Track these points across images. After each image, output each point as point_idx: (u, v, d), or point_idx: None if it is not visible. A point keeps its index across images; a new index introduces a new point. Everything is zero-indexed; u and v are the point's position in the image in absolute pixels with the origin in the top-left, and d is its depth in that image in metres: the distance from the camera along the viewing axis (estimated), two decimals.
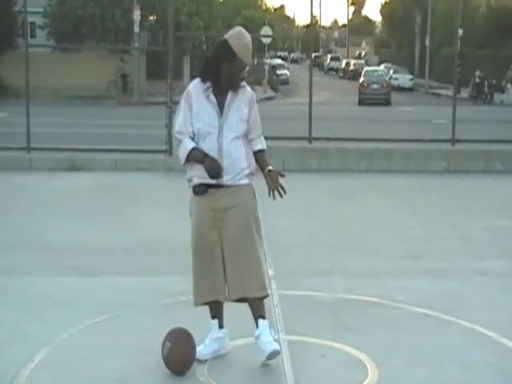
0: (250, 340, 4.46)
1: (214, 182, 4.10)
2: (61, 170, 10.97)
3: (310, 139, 11.78)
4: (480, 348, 4.50)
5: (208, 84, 4.09)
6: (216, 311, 4.31)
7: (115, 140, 13.28)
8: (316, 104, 13.00)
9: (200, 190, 4.13)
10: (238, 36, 4.05)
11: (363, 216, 8.34)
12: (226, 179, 4.09)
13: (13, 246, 6.82)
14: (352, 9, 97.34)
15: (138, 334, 4.65)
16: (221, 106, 4.07)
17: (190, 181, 4.20)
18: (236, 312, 4.40)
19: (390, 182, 10.50)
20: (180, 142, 4.13)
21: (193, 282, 4.25)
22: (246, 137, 4.18)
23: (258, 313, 4.21)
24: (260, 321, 4.20)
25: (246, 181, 4.16)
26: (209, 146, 4.07)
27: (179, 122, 4.13)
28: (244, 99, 4.13)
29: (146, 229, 7.55)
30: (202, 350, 4.25)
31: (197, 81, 4.16)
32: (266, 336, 4.16)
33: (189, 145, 4.08)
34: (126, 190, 9.79)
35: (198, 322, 4.59)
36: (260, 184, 4.27)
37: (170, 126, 11.54)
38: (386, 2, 60.96)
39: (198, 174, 4.11)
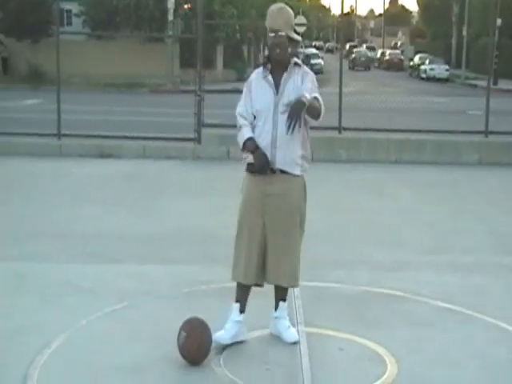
0: (266, 332, 4.41)
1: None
2: (91, 157, 11.03)
3: (339, 129, 11.64)
4: (503, 345, 4.37)
5: (267, 66, 4.20)
6: (242, 295, 4.29)
7: (146, 128, 13.30)
8: (349, 94, 12.87)
9: (254, 168, 4.16)
10: (269, 9, 4.18)
11: (391, 208, 8.21)
12: (278, 162, 4.11)
13: (37, 232, 6.84)
14: None
15: (156, 323, 4.61)
16: (277, 84, 4.14)
17: (245, 158, 4.22)
18: (252, 304, 4.33)
19: (420, 174, 10.34)
20: (240, 128, 4.20)
21: (234, 257, 4.27)
22: (305, 123, 4.16)
23: (281, 296, 4.35)
24: (281, 304, 4.34)
25: (298, 171, 4.18)
26: (265, 127, 4.13)
27: (240, 104, 4.23)
28: (300, 77, 4.16)
29: (171, 217, 7.53)
30: (223, 334, 4.22)
31: (259, 68, 4.30)
32: (285, 320, 4.34)
33: (246, 134, 4.16)
34: (154, 178, 9.79)
35: (216, 311, 4.55)
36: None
37: (198, 114, 11.53)
38: None
39: None
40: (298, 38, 4.21)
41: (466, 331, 4.57)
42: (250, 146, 4.13)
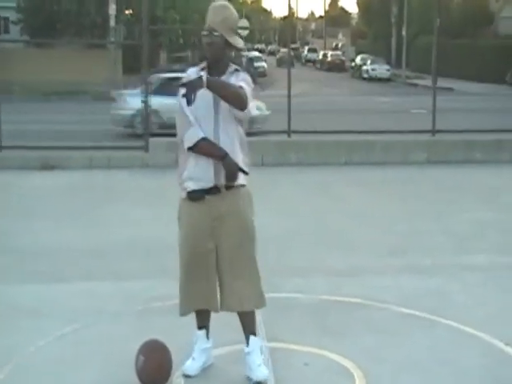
0: (229, 349, 4.20)
1: (210, 185, 3.73)
2: (33, 169, 10.60)
3: (289, 133, 11.50)
4: (470, 350, 4.25)
5: (202, 65, 3.79)
6: (204, 321, 4.00)
7: (91, 137, 12.94)
8: (294, 96, 12.72)
9: (197, 196, 3.75)
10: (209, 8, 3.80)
11: (344, 210, 8.09)
12: (223, 175, 3.71)
13: None
14: (328, 0, 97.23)
15: (110, 345, 4.35)
16: None
17: (181, 183, 3.82)
18: (214, 318, 4.11)
19: (371, 174, 10.27)
20: (189, 124, 3.69)
21: (180, 290, 3.90)
22: (240, 122, 3.77)
23: (250, 329, 3.89)
24: (251, 338, 3.88)
25: (242, 180, 3.78)
26: (207, 130, 3.69)
27: (181, 113, 3.74)
28: (234, 78, 3.74)
29: (120, 229, 7.24)
30: (191, 364, 3.93)
31: (193, 68, 3.85)
32: (257, 356, 3.86)
33: (199, 132, 3.68)
34: (102, 189, 9.45)
35: (173, 330, 4.32)
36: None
37: (145, 121, 11.24)
38: None
39: (193, 178, 3.74)
40: (239, 43, 3.75)
41: (432, 337, 4.44)
42: (212, 148, 3.65)
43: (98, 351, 4.26)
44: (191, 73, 3.79)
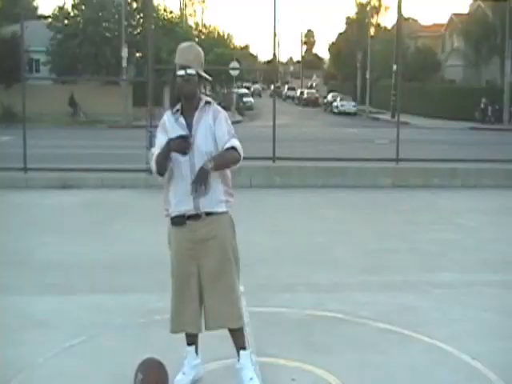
0: (222, 363, 3.74)
1: (191, 212, 3.31)
2: (54, 188, 10.10)
3: (273, 159, 11.11)
4: (444, 366, 3.81)
5: (176, 107, 3.34)
6: (192, 339, 3.56)
7: (104, 160, 12.44)
8: (277, 127, 12.33)
9: (178, 221, 3.34)
10: (179, 47, 3.37)
11: (322, 230, 7.64)
12: (202, 206, 3.30)
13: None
14: (304, 48, 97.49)
15: (113, 358, 3.87)
16: (189, 126, 3.31)
17: (166, 209, 3.41)
18: (207, 333, 3.66)
19: (344, 196, 9.86)
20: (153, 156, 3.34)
21: (170, 310, 3.48)
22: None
23: (240, 344, 3.47)
24: (241, 352, 3.46)
25: (223, 208, 3.37)
26: (183, 172, 3.28)
27: (156, 147, 3.34)
28: (210, 115, 3.32)
29: (126, 245, 6.75)
30: (182, 379, 3.48)
31: (168, 111, 3.42)
32: (249, 370, 3.43)
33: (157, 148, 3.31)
34: (110, 207, 8.97)
35: (172, 343, 3.85)
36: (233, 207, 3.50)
37: (149, 147, 10.78)
38: (333, 43, 60.69)
39: (175, 206, 3.33)
40: (207, 76, 3.32)
41: (408, 353, 3.99)
42: (162, 149, 3.23)
43: (103, 364, 3.79)
44: (168, 117, 3.36)
